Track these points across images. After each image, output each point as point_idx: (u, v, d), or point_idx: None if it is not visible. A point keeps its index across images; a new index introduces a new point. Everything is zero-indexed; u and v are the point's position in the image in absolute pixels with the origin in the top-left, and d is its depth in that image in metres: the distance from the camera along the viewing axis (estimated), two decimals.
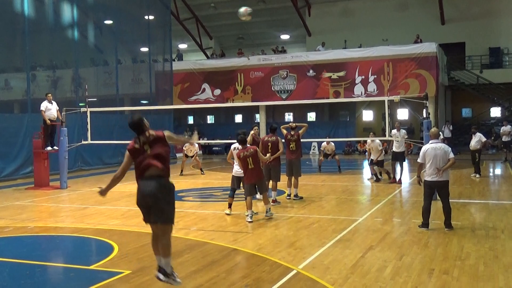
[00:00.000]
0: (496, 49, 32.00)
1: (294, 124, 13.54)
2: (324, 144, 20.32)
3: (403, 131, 16.28)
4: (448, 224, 9.29)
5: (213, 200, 13.72)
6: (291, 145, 13.06)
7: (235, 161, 11.10)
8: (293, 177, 12.95)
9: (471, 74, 31.14)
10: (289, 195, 13.18)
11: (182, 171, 20.21)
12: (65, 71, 25.03)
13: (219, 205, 12.54)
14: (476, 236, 8.86)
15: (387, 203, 12.56)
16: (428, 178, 9.33)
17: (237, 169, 11.04)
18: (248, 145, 10.60)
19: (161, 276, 6.13)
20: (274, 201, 12.38)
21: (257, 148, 10.67)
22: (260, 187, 10.63)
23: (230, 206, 11.18)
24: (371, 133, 17.85)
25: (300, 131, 13.37)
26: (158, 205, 5.95)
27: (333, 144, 20.33)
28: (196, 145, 21.50)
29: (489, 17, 32.00)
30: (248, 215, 10.32)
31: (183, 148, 20.77)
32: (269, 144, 12.29)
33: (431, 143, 9.42)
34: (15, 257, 8.04)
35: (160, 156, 6.08)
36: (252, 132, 12.89)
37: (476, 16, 32.10)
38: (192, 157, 20.61)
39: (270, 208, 10.75)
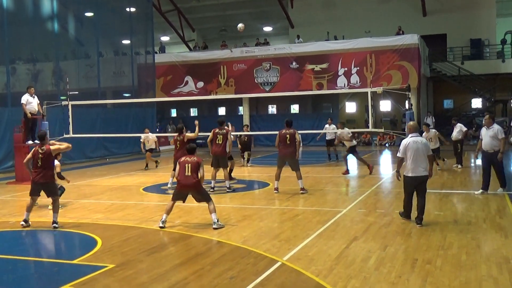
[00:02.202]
0: (477, 41, 32.32)
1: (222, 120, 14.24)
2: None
3: (332, 125, 18.89)
4: (420, 219, 8.93)
5: None
6: (218, 139, 13.65)
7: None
8: (220, 168, 13.60)
9: (453, 66, 31.42)
10: (212, 187, 13.22)
11: (147, 165, 19.24)
12: (45, 64, 24.71)
13: None
14: (458, 226, 8.96)
15: (370, 194, 12.64)
16: (410, 174, 9.03)
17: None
18: (194, 154, 9.47)
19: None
20: (303, 189, 12.71)
21: (201, 162, 9.36)
22: (196, 197, 9.56)
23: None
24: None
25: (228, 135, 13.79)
26: None
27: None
28: (152, 136, 19.66)
29: (470, 9, 32.30)
30: (162, 220, 9.36)
31: (141, 141, 19.39)
32: (288, 136, 12.79)
33: (411, 136, 9.17)
34: None
35: None
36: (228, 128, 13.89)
37: (457, 8, 32.39)
38: (151, 150, 19.37)
39: (218, 219, 9.31)
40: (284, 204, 11.48)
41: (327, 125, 20.07)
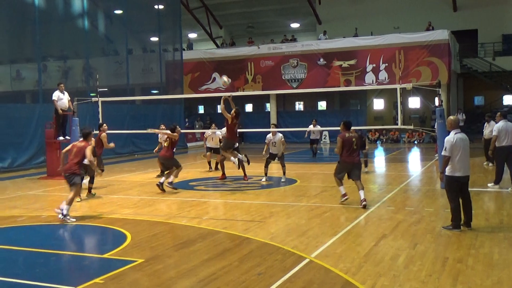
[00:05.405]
0: (509, 36, 31.65)
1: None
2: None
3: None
4: (471, 221, 8.48)
5: (224, 189, 13.72)
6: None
7: None
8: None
9: (484, 62, 30.84)
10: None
11: (215, 164, 17.13)
12: (75, 61, 25.12)
13: (230, 194, 12.56)
14: (490, 225, 8.79)
15: (399, 192, 12.50)
16: (458, 174, 8.27)
17: None
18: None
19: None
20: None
21: None
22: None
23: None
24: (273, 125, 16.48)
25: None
26: None
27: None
28: (218, 133, 16.85)
29: (502, 4, 31.63)
30: None
31: (205, 136, 17.40)
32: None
33: (455, 133, 8.34)
34: (29, 246, 8.09)
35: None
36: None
37: (489, 3, 31.71)
38: (217, 150, 16.43)
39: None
40: (312, 201, 11.44)
41: (311, 126, 21.23)
